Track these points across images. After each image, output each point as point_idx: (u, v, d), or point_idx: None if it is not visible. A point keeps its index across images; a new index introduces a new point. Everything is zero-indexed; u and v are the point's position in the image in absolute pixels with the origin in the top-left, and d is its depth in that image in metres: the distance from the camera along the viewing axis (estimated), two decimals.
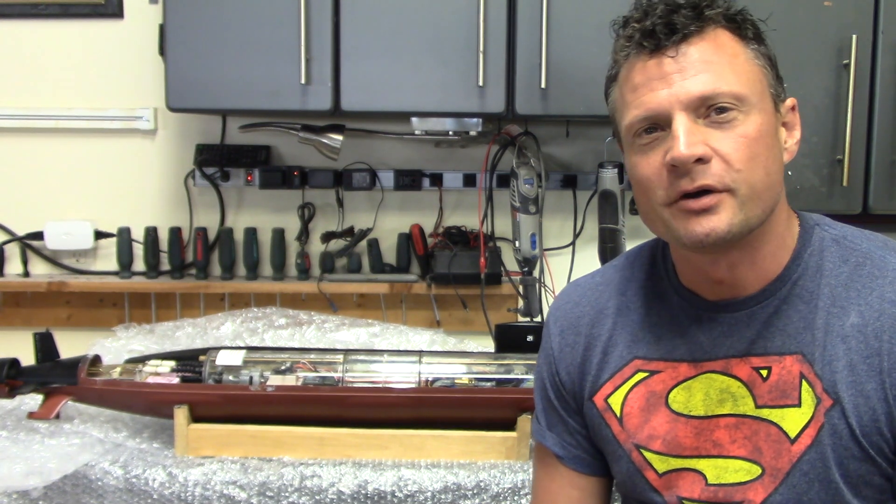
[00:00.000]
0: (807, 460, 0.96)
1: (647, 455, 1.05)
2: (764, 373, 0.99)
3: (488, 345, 2.15)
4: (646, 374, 1.06)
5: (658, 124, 0.95)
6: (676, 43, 0.94)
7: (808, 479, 0.96)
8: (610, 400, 1.09)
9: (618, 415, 1.08)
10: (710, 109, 0.93)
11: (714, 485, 1.00)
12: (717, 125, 0.93)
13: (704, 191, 0.93)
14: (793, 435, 0.96)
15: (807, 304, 0.99)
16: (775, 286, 1.00)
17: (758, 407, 0.99)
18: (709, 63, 0.93)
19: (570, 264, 2.35)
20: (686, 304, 1.06)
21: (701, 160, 0.92)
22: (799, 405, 0.97)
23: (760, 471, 0.98)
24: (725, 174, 0.92)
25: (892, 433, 0.94)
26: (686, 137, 0.92)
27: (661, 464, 1.04)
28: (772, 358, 0.99)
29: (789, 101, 1.01)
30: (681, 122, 0.92)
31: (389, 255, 2.40)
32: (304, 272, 2.37)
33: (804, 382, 0.97)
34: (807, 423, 0.96)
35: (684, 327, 1.05)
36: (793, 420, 0.97)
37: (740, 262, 0.99)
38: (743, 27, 0.97)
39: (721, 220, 0.93)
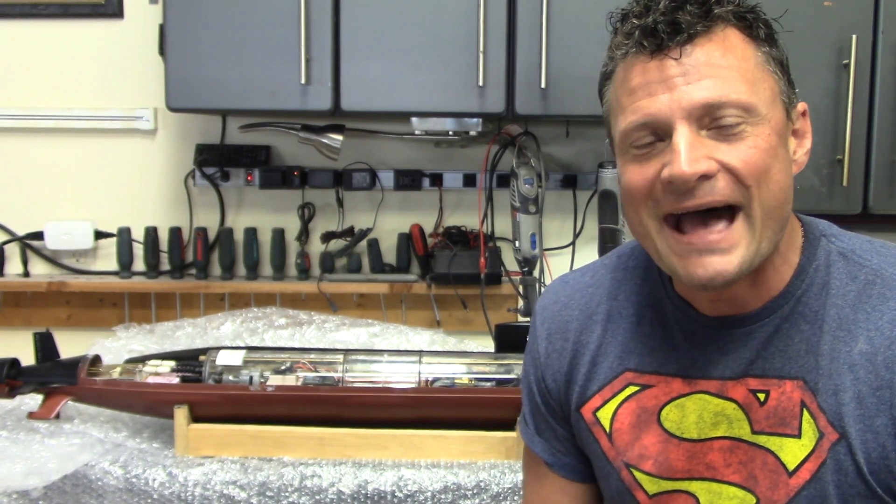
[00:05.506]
0: (805, 496, 0.90)
1: (638, 475, 1.00)
2: (762, 396, 0.93)
3: (488, 345, 2.15)
4: (637, 388, 1.00)
5: (656, 133, 0.87)
6: (681, 44, 0.84)
7: None
8: (599, 414, 1.03)
9: (607, 430, 1.02)
10: (714, 121, 0.84)
11: None
12: (724, 137, 0.85)
13: (710, 210, 0.85)
14: (791, 467, 0.91)
15: (811, 324, 0.92)
16: (777, 303, 0.93)
17: (754, 432, 0.93)
18: (716, 67, 0.84)
19: (570, 264, 2.35)
20: (681, 315, 0.99)
21: (705, 176, 0.84)
22: (799, 436, 0.91)
23: (755, 501, 0.92)
24: (734, 190, 0.84)
25: None
26: (688, 153, 0.83)
27: (651, 485, 0.99)
28: (770, 381, 0.93)
29: (800, 106, 0.93)
30: (682, 135, 0.84)
31: (389, 255, 2.40)
32: (304, 272, 2.37)
33: (805, 412, 0.91)
34: (806, 456, 0.90)
35: (678, 340, 0.99)
36: (791, 452, 0.91)
37: (740, 283, 0.91)
38: (754, 27, 0.88)
39: (731, 261, 0.85)
